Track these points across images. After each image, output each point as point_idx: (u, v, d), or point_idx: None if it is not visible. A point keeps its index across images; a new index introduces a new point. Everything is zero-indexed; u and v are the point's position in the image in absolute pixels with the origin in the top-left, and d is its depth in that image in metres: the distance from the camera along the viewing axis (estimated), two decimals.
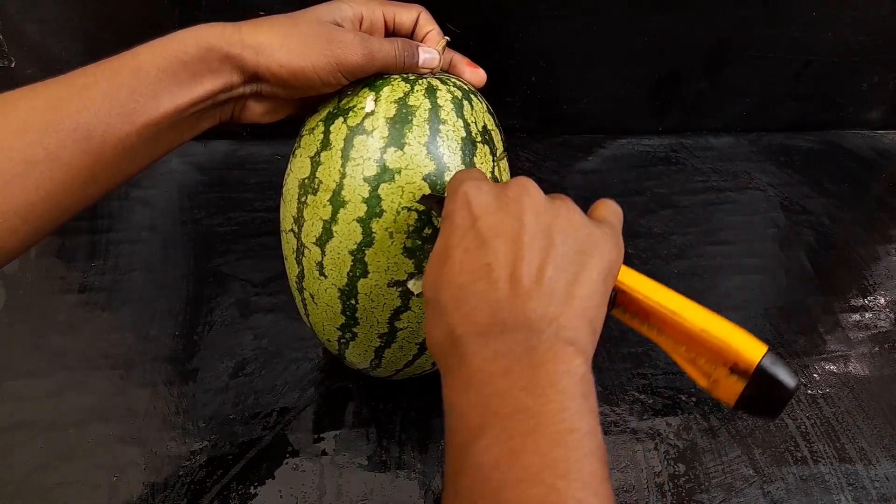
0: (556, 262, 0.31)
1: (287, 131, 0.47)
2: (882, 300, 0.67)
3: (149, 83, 0.37)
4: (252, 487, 0.49)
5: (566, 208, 0.33)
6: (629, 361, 0.60)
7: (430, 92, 0.43)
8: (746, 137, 0.85)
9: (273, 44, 0.39)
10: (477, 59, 0.48)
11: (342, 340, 0.48)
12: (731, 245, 0.72)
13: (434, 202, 0.40)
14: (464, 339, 0.30)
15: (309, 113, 0.46)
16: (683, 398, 0.57)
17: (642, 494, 0.51)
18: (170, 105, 0.38)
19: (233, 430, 0.52)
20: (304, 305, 0.48)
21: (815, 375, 0.60)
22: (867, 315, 0.66)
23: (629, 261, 0.69)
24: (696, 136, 0.85)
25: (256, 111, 0.43)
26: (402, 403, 0.55)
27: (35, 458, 0.49)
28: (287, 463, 0.50)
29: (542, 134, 0.81)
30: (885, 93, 0.84)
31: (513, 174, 0.77)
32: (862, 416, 0.57)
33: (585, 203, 0.74)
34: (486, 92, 0.48)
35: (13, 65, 0.65)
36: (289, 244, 0.46)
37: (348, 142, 0.41)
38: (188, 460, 0.50)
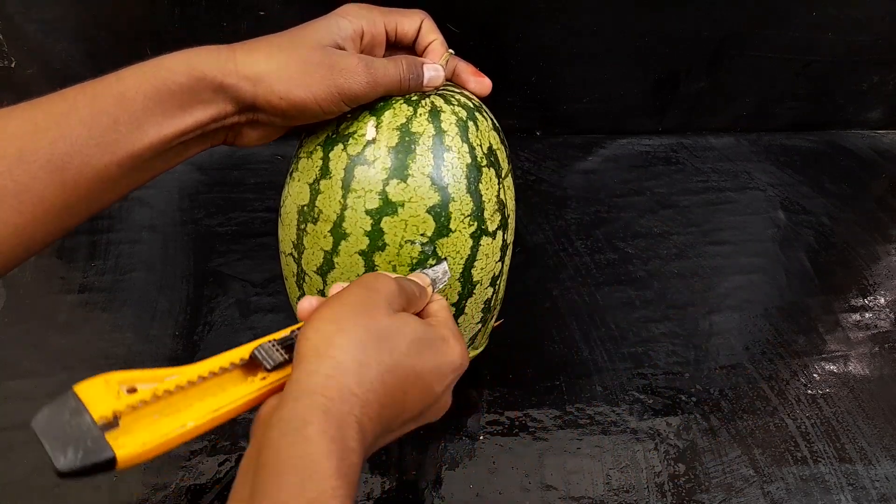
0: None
1: (288, 131, 0.47)
2: (882, 300, 0.67)
3: (133, 112, 0.34)
4: None
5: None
6: (629, 361, 0.60)
7: (434, 115, 0.41)
8: (746, 137, 0.85)
9: (272, 74, 0.37)
10: (476, 58, 0.48)
11: None
12: (731, 245, 0.72)
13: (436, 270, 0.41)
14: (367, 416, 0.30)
15: (304, 131, 0.44)
16: (683, 398, 0.57)
17: (642, 494, 0.51)
18: (155, 136, 0.35)
19: (233, 429, 0.52)
20: None
21: (815, 375, 0.60)
22: (867, 315, 0.66)
23: (630, 261, 0.69)
24: (696, 136, 0.85)
25: (252, 137, 0.41)
26: None
27: (35, 457, 0.49)
28: None
29: (542, 134, 0.81)
30: (885, 93, 0.84)
31: (513, 174, 0.77)
32: (862, 416, 0.57)
33: (585, 203, 0.74)
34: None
35: (13, 65, 0.65)
36: (289, 267, 0.46)
37: (349, 171, 0.40)
38: (188, 460, 0.50)
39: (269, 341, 0.33)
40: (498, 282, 0.47)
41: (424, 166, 0.40)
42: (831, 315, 0.66)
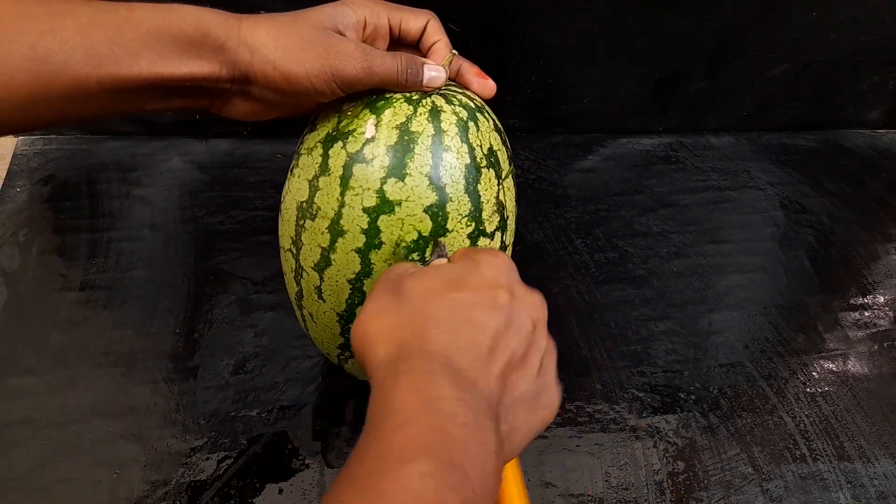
0: (529, 390, 0.32)
1: (288, 130, 0.47)
2: (881, 299, 0.68)
3: (131, 39, 0.35)
4: (252, 484, 0.49)
5: (551, 351, 0.35)
6: (628, 359, 0.60)
7: (434, 115, 0.40)
8: (746, 137, 0.85)
9: (269, 44, 0.37)
10: (477, 58, 0.47)
11: (342, 357, 0.48)
12: (731, 244, 0.72)
13: (439, 251, 0.40)
14: (442, 357, 0.30)
15: (297, 119, 0.44)
16: (682, 396, 0.58)
17: (641, 492, 0.51)
18: (145, 69, 0.35)
19: (233, 427, 0.52)
20: (304, 321, 0.48)
21: (814, 374, 0.60)
22: (866, 314, 0.66)
23: (629, 259, 0.69)
24: (696, 136, 0.85)
25: (241, 109, 0.41)
26: None
27: (36, 454, 0.49)
28: (287, 460, 0.51)
29: (542, 133, 0.81)
30: (885, 93, 0.84)
31: (514, 175, 0.77)
32: (861, 415, 0.57)
33: (585, 202, 0.74)
34: None
35: None
36: (287, 262, 0.46)
37: (347, 169, 0.40)
38: (188, 457, 0.50)
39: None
40: None
41: (422, 166, 0.39)
42: (830, 314, 0.66)
